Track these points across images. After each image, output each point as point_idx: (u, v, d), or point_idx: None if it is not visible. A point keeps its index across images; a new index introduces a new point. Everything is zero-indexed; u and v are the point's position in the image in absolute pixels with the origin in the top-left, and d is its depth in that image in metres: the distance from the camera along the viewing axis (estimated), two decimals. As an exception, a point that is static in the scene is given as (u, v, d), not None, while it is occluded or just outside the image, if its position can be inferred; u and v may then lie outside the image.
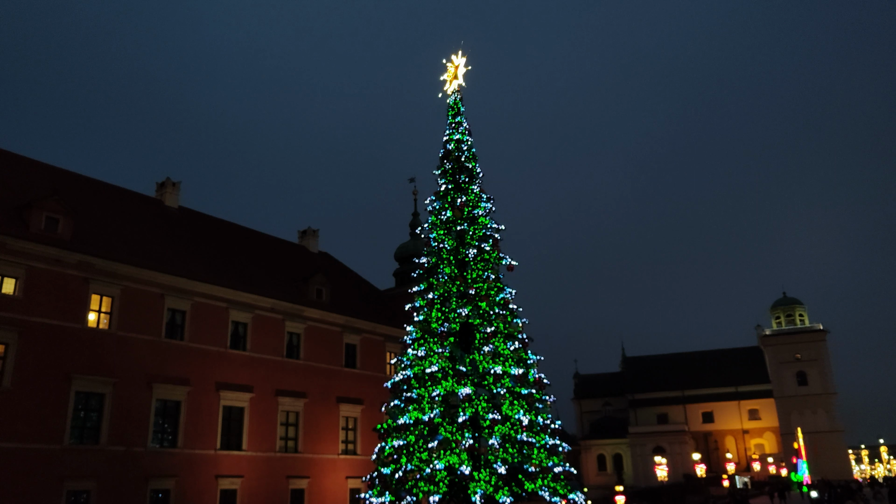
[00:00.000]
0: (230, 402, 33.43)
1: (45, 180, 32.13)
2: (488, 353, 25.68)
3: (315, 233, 49.06)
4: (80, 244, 29.69)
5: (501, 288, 27.70)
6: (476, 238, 28.24)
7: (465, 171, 29.75)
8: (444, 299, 27.26)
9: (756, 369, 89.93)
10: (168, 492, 29.98)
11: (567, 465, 25.63)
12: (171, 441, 30.96)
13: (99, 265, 29.71)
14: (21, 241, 27.33)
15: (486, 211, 29.13)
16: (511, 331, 26.88)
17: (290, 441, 35.99)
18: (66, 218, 29.55)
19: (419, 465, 24.16)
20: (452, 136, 30.44)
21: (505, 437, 24.36)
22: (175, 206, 40.16)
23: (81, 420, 28.10)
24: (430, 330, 26.76)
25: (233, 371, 33.86)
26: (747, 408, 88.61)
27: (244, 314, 35.03)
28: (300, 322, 37.74)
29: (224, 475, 32.20)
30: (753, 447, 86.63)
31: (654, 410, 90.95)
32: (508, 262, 28.56)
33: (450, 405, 24.79)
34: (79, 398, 28.09)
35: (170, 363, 31.43)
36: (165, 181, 40.43)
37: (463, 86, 32.18)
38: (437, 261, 28.18)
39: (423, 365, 26.03)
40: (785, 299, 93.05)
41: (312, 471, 36.28)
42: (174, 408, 31.36)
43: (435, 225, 28.95)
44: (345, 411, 38.91)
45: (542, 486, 24.06)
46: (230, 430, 33.31)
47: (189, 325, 32.67)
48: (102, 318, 29.77)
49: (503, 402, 25.02)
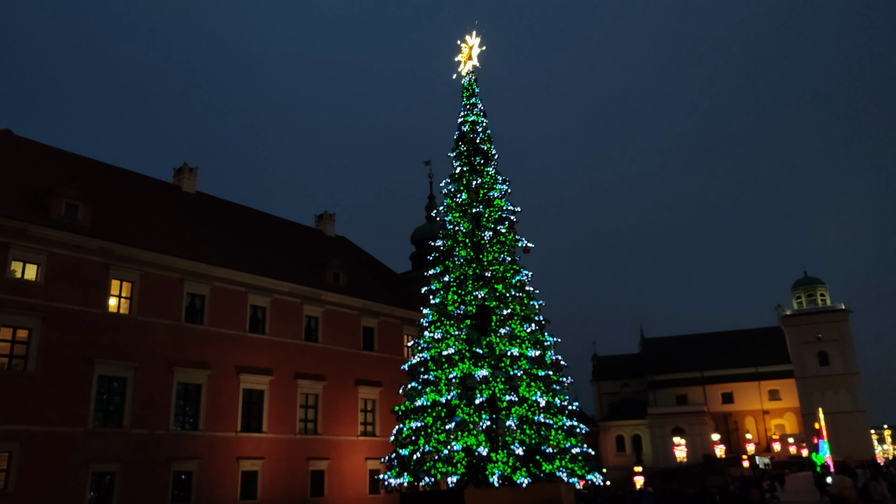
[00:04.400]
0: (250, 385, 33.80)
1: (64, 167, 32.45)
2: (505, 335, 25.71)
3: (332, 217, 49.19)
4: (100, 230, 29.99)
5: (518, 270, 27.65)
6: (492, 220, 28.15)
7: (481, 153, 29.61)
8: (460, 282, 27.26)
9: (776, 350, 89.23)
10: (190, 473, 30.46)
11: (585, 447, 25.68)
12: (192, 424, 31.39)
13: (119, 251, 30.02)
14: (42, 228, 27.66)
15: (501, 193, 29.00)
16: (527, 313, 26.87)
17: (310, 423, 36.37)
18: (85, 204, 29.85)
19: (437, 446, 24.32)
20: (467, 118, 30.27)
21: (522, 418, 24.44)
22: (193, 192, 40.41)
23: (105, 404, 28.56)
24: (446, 313, 26.82)
25: (252, 354, 34.20)
26: (767, 388, 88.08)
27: (263, 298, 35.30)
28: (318, 306, 37.97)
29: (245, 457, 32.63)
30: (774, 427, 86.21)
31: (674, 391, 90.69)
32: (524, 245, 28.46)
33: (467, 387, 24.90)
34: (101, 382, 28.53)
35: (190, 347, 31.79)
36: (183, 167, 40.66)
37: (477, 66, 31.92)
38: (453, 244, 28.16)
39: (439, 347, 26.12)
40: (806, 279, 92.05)
41: (332, 452, 36.67)
42: (195, 391, 31.76)
43: (450, 208, 28.89)
44: (363, 393, 39.21)
45: (559, 467, 24.15)
46: (250, 412, 33.71)
47: (208, 310, 32.99)
48: (123, 303, 30.13)
49: (520, 383, 25.07)
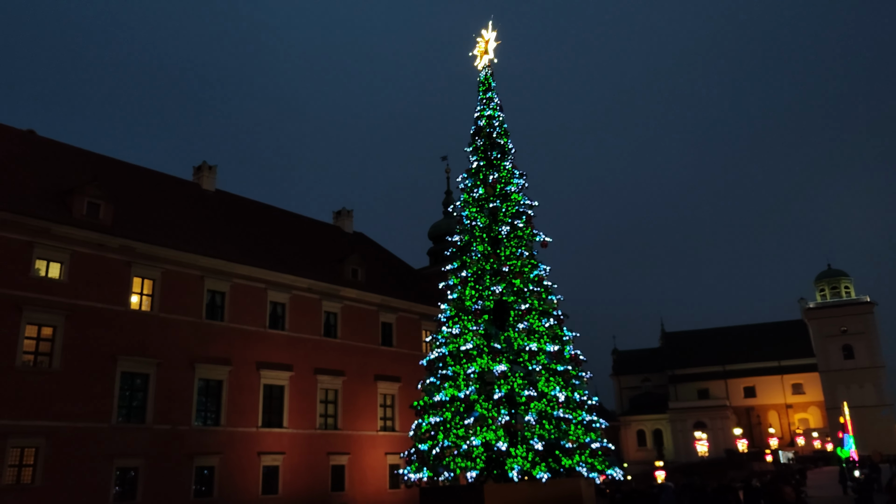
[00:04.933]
0: (270, 381, 34.07)
1: (85, 167, 32.87)
2: (523, 330, 25.65)
3: (349, 213, 49.39)
4: (122, 228, 30.35)
5: (535, 265, 27.55)
6: (509, 215, 28.08)
7: (497, 148, 29.53)
8: (477, 277, 27.24)
9: (800, 343, 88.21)
10: (213, 468, 30.78)
11: (605, 441, 25.57)
12: (214, 419, 31.72)
13: (140, 249, 30.36)
14: (65, 227, 28.05)
15: (518, 187, 28.90)
16: (546, 307, 26.78)
17: (330, 418, 36.59)
18: (106, 203, 30.21)
19: (456, 441, 24.36)
20: (484, 112, 30.19)
21: (541, 413, 24.39)
22: (212, 190, 40.77)
23: (128, 400, 28.94)
24: (464, 308, 26.82)
25: (272, 350, 34.45)
26: (791, 382, 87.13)
27: (282, 295, 35.54)
28: (337, 302, 38.16)
29: (266, 452, 32.92)
30: (797, 422, 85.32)
31: (695, 386, 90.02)
32: (542, 239, 28.35)
33: (485, 382, 24.90)
34: (124, 379, 28.91)
35: (211, 343, 32.10)
36: (202, 165, 41.03)
37: (494, 60, 31.82)
38: (470, 239, 28.13)
39: (457, 342, 26.13)
40: (830, 271, 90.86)
41: (352, 447, 36.88)
42: (216, 387, 32.08)
43: (467, 203, 28.85)
44: (382, 389, 39.37)
45: (579, 462, 24.07)
46: (271, 408, 33.98)
47: (229, 306, 33.27)
48: (145, 300, 30.48)
49: (539, 378, 25.02)
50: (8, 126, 33.65)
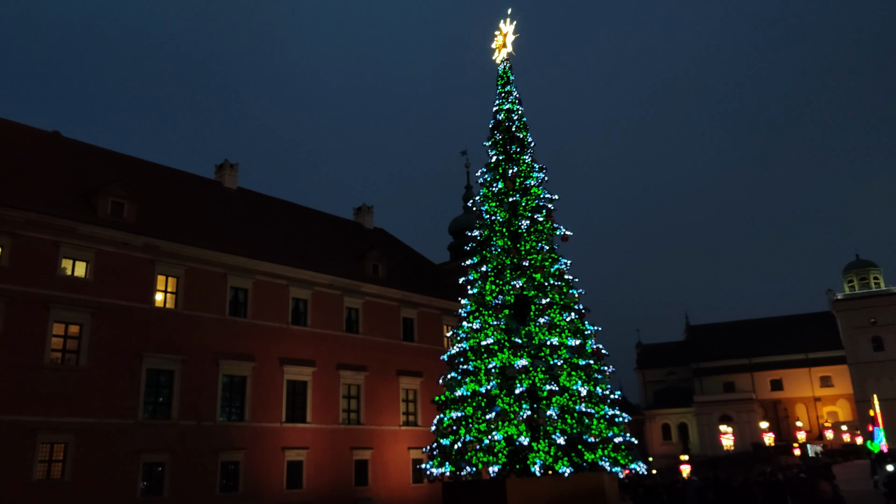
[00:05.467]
0: (293, 377, 34.34)
1: (109, 167, 33.33)
2: (544, 324, 25.51)
3: (370, 209, 49.56)
4: (145, 227, 30.73)
5: (556, 259, 27.39)
6: (529, 209, 27.92)
7: (517, 141, 29.38)
8: (497, 272, 27.15)
9: (828, 335, 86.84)
10: (237, 463, 31.13)
11: (628, 435, 25.40)
12: (238, 415, 32.06)
13: (163, 247, 30.72)
14: (89, 226, 28.47)
15: (538, 181, 28.73)
16: (567, 301, 26.62)
17: (353, 413, 36.81)
18: (130, 202, 30.61)
19: (477, 436, 24.33)
20: (502, 106, 30.04)
21: (563, 408, 24.27)
22: (234, 188, 41.11)
23: (154, 396, 29.36)
24: (484, 303, 26.75)
25: (295, 346, 34.71)
26: (819, 375, 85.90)
27: (304, 291, 35.77)
28: (358, 297, 38.32)
29: (290, 447, 33.21)
30: (826, 415, 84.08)
31: (720, 379, 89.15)
32: (563, 233, 28.16)
33: (507, 377, 24.85)
34: (150, 375, 29.32)
35: (234, 340, 32.41)
36: (224, 163, 41.39)
37: (512, 54, 31.66)
38: (490, 233, 28.03)
39: (478, 337, 26.08)
40: (858, 262, 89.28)
41: (375, 442, 37.07)
42: (240, 383, 32.40)
43: (486, 197, 28.75)
44: (404, 384, 39.49)
45: (602, 457, 23.93)
46: (294, 403, 34.25)
47: (251, 303, 33.56)
48: (169, 297, 30.85)
49: (560, 373, 24.91)
50: (34, 127, 34.23)
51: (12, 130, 32.37)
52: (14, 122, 33.44)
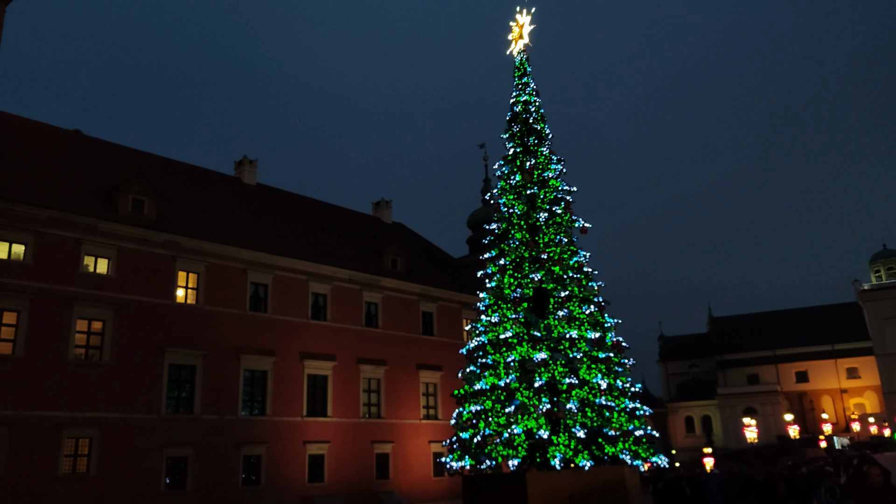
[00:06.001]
0: (314, 371, 34.50)
1: (130, 164, 33.62)
2: (563, 317, 25.37)
3: (388, 203, 49.59)
4: (166, 224, 31.00)
5: (575, 251, 27.21)
6: (547, 201, 27.75)
7: (534, 133, 29.19)
8: (516, 265, 27.02)
9: (854, 326, 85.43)
10: (259, 457, 31.36)
11: (649, 429, 25.20)
12: (260, 409, 32.29)
13: (184, 243, 30.97)
14: (111, 224, 28.77)
15: (556, 173, 28.53)
16: (586, 294, 26.42)
17: (373, 407, 36.91)
18: (150, 199, 30.88)
19: (497, 429, 24.29)
20: (519, 98, 29.85)
21: (583, 401, 24.13)
22: (253, 184, 41.34)
23: (176, 391, 29.65)
24: (502, 296, 26.65)
25: (315, 341, 34.86)
26: (845, 366, 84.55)
27: (323, 286, 35.89)
28: (377, 292, 38.38)
29: (311, 441, 33.39)
30: (853, 407, 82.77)
31: (744, 371, 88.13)
32: (581, 225, 27.96)
33: (526, 370, 24.74)
34: (172, 370, 29.61)
35: (255, 335, 32.62)
36: (243, 159, 41.62)
37: (529, 45, 31.42)
38: (508, 226, 27.90)
39: (497, 331, 26.01)
40: (885, 251, 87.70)
41: (396, 435, 37.16)
42: (261, 377, 32.62)
43: (504, 190, 28.61)
44: (424, 377, 39.53)
45: (622, 450, 23.77)
46: (315, 397, 34.43)
47: (272, 298, 33.74)
48: (190, 293, 31.12)
49: (580, 366, 24.75)
50: (55, 126, 34.64)
51: (34, 129, 32.79)
52: (36, 122, 33.87)
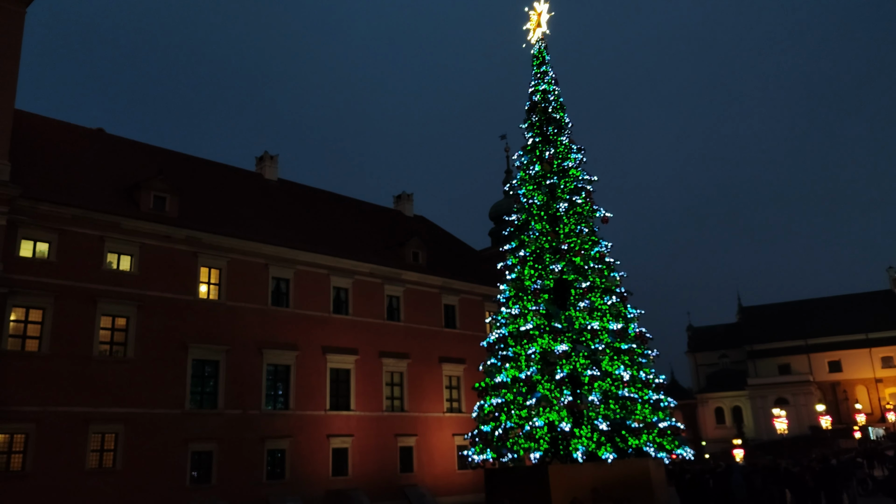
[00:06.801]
0: (336, 365, 34.56)
1: (151, 162, 33.89)
2: (584, 308, 25.10)
3: (409, 197, 49.48)
4: (187, 220, 31.20)
5: (596, 241, 26.88)
6: (567, 191, 27.46)
7: (553, 123, 28.87)
8: (536, 256, 26.77)
9: (889, 314, 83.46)
10: (284, 451, 31.52)
11: (673, 420, 24.84)
12: (283, 403, 32.43)
13: (206, 239, 31.14)
14: (133, 221, 29.02)
15: (576, 162, 28.20)
16: (608, 285, 26.10)
17: (396, 400, 36.89)
18: (172, 196, 31.09)
19: (518, 422, 24.12)
20: (538, 87, 29.55)
21: (606, 393, 23.86)
22: (274, 179, 41.46)
23: (199, 386, 29.88)
24: (523, 288, 26.43)
25: (337, 335, 34.90)
26: (880, 355, 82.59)
27: (344, 280, 35.91)
28: (399, 285, 38.30)
29: (335, 434, 33.46)
30: (888, 397, 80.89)
31: (775, 361, 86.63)
32: (602, 215, 27.62)
33: (547, 362, 24.50)
34: (195, 365, 29.82)
35: (278, 329, 32.74)
36: (264, 155, 41.76)
37: (547, 33, 31.08)
38: (528, 217, 27.65)
39: (517, 323, 25.81)
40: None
41: (419, 429, 37.11)
42: (284, 372, 32.75)
43: (524, 180, 28.36)
44: (447, 370, 39.40)
45: (646, 442, 23.47)
46: (338, 391, 34.48)
47: (293, 293, 33.82)
48: (212, 289, 31.30)
49: (602, 357, 24.45)
50: (79, 126, 35.05)
51: (58, 129, 33.20)
52: (60, 121, 34.29)
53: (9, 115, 26.33)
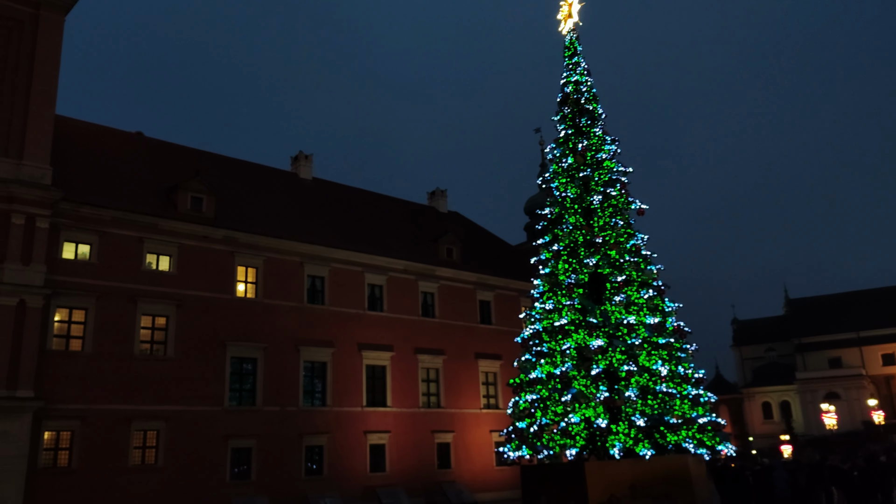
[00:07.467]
0: (372, 362, 34.70)
1: (188, 163, 34.45)
2: (620, 302, 24.61)
3: (444, 193, 49.38)
4: (224, 220, 31.65)
5: (632, 234, 26.33)
6: (601, 183, 26.93)
7: (586, 114, 28.36)
8: (570, 250, 26.33)
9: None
10: (322, 447, 31.78)
11: (714, 416, 24.21)
12: (320, 400, 32.70)
13: (242, 239, 31.56)
14: (171, 222, 29.56)
15: (610, 154, 27.66)
16: (644, 278, 25.55)
17: (433, 397, 36.88)
18: (209, 197, 31.57)
19: (554, 418, 23.79)
20: (570, 78, 29.05)
21: (643, 388, 23.37)
22: (309, 178, 41.80)
23: (238, 383, 30.32)
24: (557, 282, 26.04)
25: (372, 332, 35.04)
26: (937, 347, 79.68)
27: (379, 277, 36.01)
28: (433, 282, 38.25)
29: (372, 431, 33.61)
30: (946, 390, 77.96)
31: (825, 354, 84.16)
32: (638, 206, 27.04)
33: (583, 358, 24.12)
34: (234, 363, 30.28)
35: (314, 327, 33.01)
36: (298, 155, 42.14)
37: (579, 24, 30.54)
38: (561, 210, 27.23)
39: (552, 318, 25.44)
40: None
41: (456, 425, 37.04)
42: (321, 368, 33.01)
43: (557, 173, 27.92)
44: (484, 367, 39.23)
45: (685, 438, 22.91)
46: (374, 387, 34.63)
47: (328, 290, 34.07)
48: (249, 287, 31.71)
49: (639, 352, 23.97)
50: (119, 129, 35.86)
51: (99, 134, 34.01)
52: (100, 126, 35.13)
53: (50, 120, 27.05)
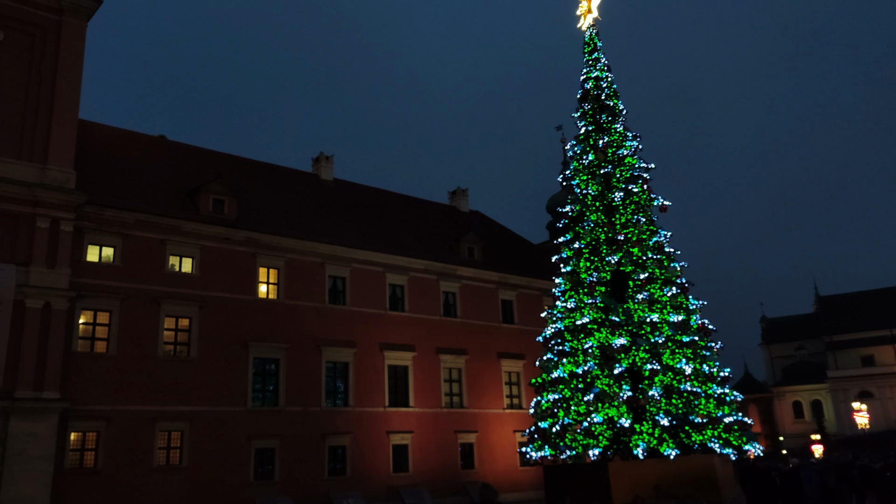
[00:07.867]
0: (394, 362, 34.65)
1: (210, 166, 34.73)
2: (643, 300, 24.28)
3: (465, 192, 49.21)
4: (246, 222, 31.82)
5: (655, 231, 25.96)
6: (623, 180, 26.61)
7: (607, 110, 28.05)
8: (592, 248, 26.04)
9: (985, 300, 78.27)
10: (344, 447, 31.79)
11: (740, 415, 23.76)
12: (343, 400, 32.72)
13: (263, 240, 31.71)
14: (193, 224, 29.77)
15: (632, 150, 27.32)
16: (667, 276, 25.17)
17: (455, 397, 36.73)
18: (230, 199, 31.77)
19: (576, 418, 23.53)
20: (590, 75, 28.75)
21: (667, 387, 23.01)
22: (330, 179, 41.90)
23: (261, 383, 30.46)
24: (579, 281, 25.76)
25: (394, 332, 34.99)
26: (974, 345, 77.59)
27: (400, 277, 35.96)
28: (454, 281, 38.10)
29: (394, 431, 33.56)
30: (984, 389, 75.87)
31: (858, 352, 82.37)
32: (661, 203, 26.66)
33: (606, 357, 23.83)
34: (257, 364, 30.41)
35: (335, 327, 33.06)
36: (319, 156, 42.27)
37: (598, 19, 30.21)
38: (583, 208, 26.93)
39: (573, 317, 25.17)
40: None
41: (479, 425, 36.84)
42: (343, 369, 33.04)
43: (577, 171, 27.65)
44: (506, 366, 38.98)
45: (711, 438, 22.50)
46: (396, 388, 34.58)
47: (350, 291, 34.09)
48: (271, 288, 31.84)
49: (663, 351, 23.61)
50: (141, 133, 36.28)
51: (121, 137, 34.41)
52: (123, 129, 35.56)
53: (73, 125, 27.39)
